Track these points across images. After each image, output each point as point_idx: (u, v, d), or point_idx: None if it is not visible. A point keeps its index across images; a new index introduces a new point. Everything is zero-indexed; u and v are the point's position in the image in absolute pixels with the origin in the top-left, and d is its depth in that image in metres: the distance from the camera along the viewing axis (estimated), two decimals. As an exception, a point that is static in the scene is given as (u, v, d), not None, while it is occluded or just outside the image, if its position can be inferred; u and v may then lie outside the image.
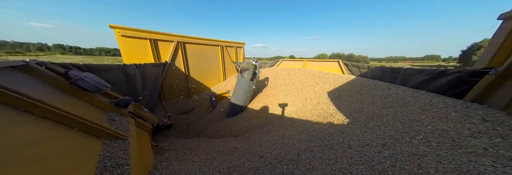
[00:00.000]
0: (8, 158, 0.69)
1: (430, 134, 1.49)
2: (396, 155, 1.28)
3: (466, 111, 1.72)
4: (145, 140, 1.75)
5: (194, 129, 3.72)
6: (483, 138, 1.31)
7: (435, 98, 2.21)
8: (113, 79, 2.26)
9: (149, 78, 3.24)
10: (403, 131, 1.62)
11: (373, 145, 1.47)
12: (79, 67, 1.89)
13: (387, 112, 2.11)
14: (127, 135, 1.34)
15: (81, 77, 1.39)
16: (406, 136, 1.54)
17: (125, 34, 3.16)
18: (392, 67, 3.38)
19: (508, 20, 2.22)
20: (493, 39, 2.39)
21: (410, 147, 1.36)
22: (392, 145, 1.41)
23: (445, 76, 2.40)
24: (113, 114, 1.58)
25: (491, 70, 1.86)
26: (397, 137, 1.54)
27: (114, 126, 1.43)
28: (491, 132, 1.35)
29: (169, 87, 4.33)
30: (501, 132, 1.32)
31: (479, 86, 1.95)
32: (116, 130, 1.29)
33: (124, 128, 1.45)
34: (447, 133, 1.45)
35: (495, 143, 1.24)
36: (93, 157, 1.02)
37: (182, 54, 4.45)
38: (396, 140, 1.49)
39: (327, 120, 2.41)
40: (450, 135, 1.42)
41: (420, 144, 1.39)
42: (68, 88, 1.35)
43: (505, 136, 1.27)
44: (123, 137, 1.29)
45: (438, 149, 1.28)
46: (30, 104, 0.90)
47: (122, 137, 1.28)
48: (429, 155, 1.24)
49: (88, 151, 1.03)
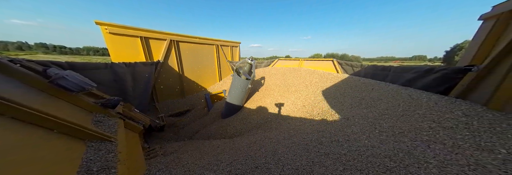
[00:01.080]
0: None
1: (388, 129, 1.69)
2: (350, 147, 1.53)
3: (450, 107, 1.80)
4: (135, 142, 1.65)
5: (188, 131, 3.61)
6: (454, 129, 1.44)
7: (421, 94, 2.32)
8: (100, 78, 2.13)
9: (140, 78, 3.10)
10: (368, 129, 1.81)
11: (339, 140, 1.68)
12: (60, 65, 1.75)
13: (361, 112, 2.29)
14: (114, 137, 1.25)
15: (62, 76, 1.28)
16: (368, 132, 1.72)
17: (113, 32, 3.00)
18: (383, 66, 3.51)
19: (488, 21, 2.36)
20: (474, 38, 2.54)
21: (365, 141, 1.60)
22: (354, 140, 1.66)
23: (432, 74, 2.51)
24: (100, 115, 1.48)
25: (473, 67, 1.97)
26: (361, 133, 1.76)
27: (100, 127, 1.34)
28: (467, 126, 1.44)
29: (162, 87, 4.18)
30: (477, 126, 1.40)
31: (463, 83, 2.06)
32: (102, 132, 1.20)
33: (112, 130, 1.36)
34: (420, 130, 1.57)
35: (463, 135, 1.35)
36: (74, 160, 0.93)
37: (175, 53, 4.31)
38: (359, 135, 1.72)
39: (319, 118, 2.54)
40: (419, 131, 1.55)
41: (377, 138, 1.60)
42: (48, 88, 1.23)
43: (477, 130, 1.35)
44: (110, 139, 1.20)
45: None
46: (1, 105, 0.81)
47: (108, 138, 1.20)
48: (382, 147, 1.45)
49: (69, 155, 0.94)
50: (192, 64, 4.87)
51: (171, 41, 4.12)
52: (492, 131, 1.33)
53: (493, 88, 1.63)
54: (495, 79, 1.65)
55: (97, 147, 1.13)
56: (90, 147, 1.09)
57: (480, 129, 1.38)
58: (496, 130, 1.32)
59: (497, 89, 1.58)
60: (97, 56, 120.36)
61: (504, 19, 2.03)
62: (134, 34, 3.36)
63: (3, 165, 0.68)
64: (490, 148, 1.17)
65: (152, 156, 1.81)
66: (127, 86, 2.60)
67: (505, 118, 1.44)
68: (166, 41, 4.01)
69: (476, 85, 1.92)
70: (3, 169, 0.68)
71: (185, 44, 4.56)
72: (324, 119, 2.50)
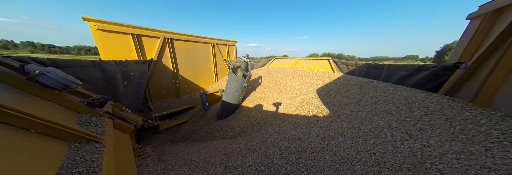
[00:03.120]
0: None
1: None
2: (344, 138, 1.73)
3: (437, 104, 1.85)
4: (125, 143, 1.58)
5: (183, 132, 3.53)
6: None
7: (409, 92, 2.37)
8: (87, 76, 2.02)
9: (132, 77, 2.98)
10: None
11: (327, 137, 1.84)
12: (41, 62, 1.64)
13: (343, 109, 2.42)
14: (101, 137, 1.18)
15: (43, 72, 1.19)
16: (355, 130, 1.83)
17: (102, 28, 2.86)
18: (377, 64, 3.57)
19: (475, 20, 2.43)
20: (462, 37, 2.61)
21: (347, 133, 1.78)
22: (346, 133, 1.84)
23: (423, 72, 2.56)
24: (86, 114, 1.40)
25: (461, 65, 2.02)
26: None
27: (86, 127, 1.26)
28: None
29: (155, 86, 4.06)
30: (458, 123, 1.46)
31: (451, 80, 2.12)
32: (86, 132, 1.13)
33: (99, 130, 1.29)
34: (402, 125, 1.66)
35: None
36: (53, 162, 0.86)
37: (170, 51, 4.19)
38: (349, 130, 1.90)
39: (311, 114, 2.64)
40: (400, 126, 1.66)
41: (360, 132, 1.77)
42: (25, 85, 1.15)
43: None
44: (96, 139, 1.13)
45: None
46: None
47: (94, 139, 1.13)
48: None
49: (47, 156, 0.87)
50: (187, 63, 4.77)
51: (165, 39, 4.00)
52: (465, 125, 1.39)
53: (479, 85, 1.67)
54: (481, 76, 1.70)
55: (82, 147, 1.07)
56: (73, 148, 1.02)
57: (453, 125, 1.45)
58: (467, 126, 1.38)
59: (483, 86, 1.62)
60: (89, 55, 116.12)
61: (489, 18, 2.09)
62: (125, 31, 3.23)
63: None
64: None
65: (143, 157, 1.74)
66: (117, 85, 2.49)
67: (487, 114, 1.48)
68: (159, 39, 3.89)
69: (464, 82, 1.97)
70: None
71: (179, 42, 4.45)
72: (315, 114, 2.56)
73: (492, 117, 1.42)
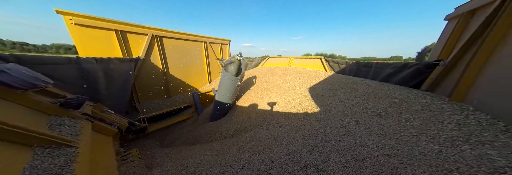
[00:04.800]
0: None
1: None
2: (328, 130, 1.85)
3: (415, 100, 1.97)
4: (106, 146, 1.45)
5: (176, 135, 3.38)
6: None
7: (392, 88, 2.52)
8: (61, 75, 1.83)
9: (116, 76, 2.78)
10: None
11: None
12: (4, 58, 1.45)
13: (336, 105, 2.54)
14: (76, 141, 1.06)
15: (2, 69, 1.04)
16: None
17: (80, 23, 2.62)
18: (365, 62, 3.75)
19: (452, 20, 2.62)
20: (441, 37, 2.81)
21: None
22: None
23: (407, 69, 2.71)
24: (58, 116, 1.25)
25: (441, 62, 2.17)
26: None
27: (58, 131, 1.13)
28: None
29: (143, 86, 3.83)
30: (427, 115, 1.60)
31: (431, 77, 2.27)
32: (57, 135, 1.00)
33: (74, 133, 1.16)
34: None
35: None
36: (12, 171, 0.75)
37: (159, 49, 3.98)
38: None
39: (302, 111, 2.70)
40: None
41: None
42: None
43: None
44: (70, 143, 1.01)
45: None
46: None
47: (68, 143, 1.01)
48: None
49: (6, 165, 0.75)
50: (179, 63, 4.56)
51: (153, 36, 3.79)
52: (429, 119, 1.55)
53: (455, 81, 1.79)
54: (457, 73, 1.82)
55: (51, 153, 0.95)
56: (40, 154, 0.90)
57: (413, 117, 1.62)
58: (430, 120, 1.52)
59: (458, 82, 1.74)
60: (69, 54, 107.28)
61: (464, 19, 2.27)
62: (108, 27, 3.00)
63: None
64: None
65: (128, 161, 1.62)
66: (98, 85, 2.30)
67: (459, 109, 1.59)
68: (147, 36, 3.68)
69: (442, 79, 2.12)
70: None
71: (169, 40, 4.24)
72: (306, 111, 2.62)
73: (463, 112, 1.52)
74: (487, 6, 1.82)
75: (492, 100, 1.43)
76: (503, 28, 1.46)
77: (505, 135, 1.16)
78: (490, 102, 1.44)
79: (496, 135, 1.18)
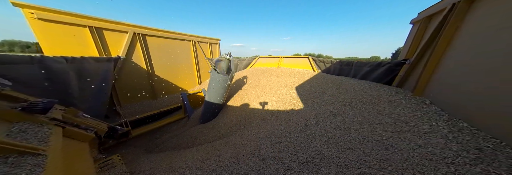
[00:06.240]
0: None
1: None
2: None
3: (384, 95, 2.20)
4: (82, 153, 1.31)
5: (164, 139, 3.19)
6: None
7: (366, 84, 2.77)
8: (23, 76, 1.60)
9: (91, 77, 2.52)
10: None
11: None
12: None
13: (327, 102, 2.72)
14: (43, 148, 0.95)
15: None
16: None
17: (45, 18, 2.31)
18: (347, 61, 4.08)
19: (416, 24, 2.99)
20: (407, 39, 3.19)
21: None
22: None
23: (381, 67, 3.01)
24: (19, 122, 1.10)
25: (407, 60, 2.46)
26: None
27: (20, 138, 0.99)
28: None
29: (125, 88, 3.55)
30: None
31: (400, 74, 2.58)
32: (17, 143, 0.88)
33: (41, 140, 1.03)
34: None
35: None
36: None
37: (142, 48, 3.73)
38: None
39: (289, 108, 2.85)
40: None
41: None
42: None
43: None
44: (34, 151, 0.90)
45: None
46: None
47: (31, 151, 0.89)
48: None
49: None
50: (165, 62, 4.32)
51: (134, 34, 3.53)
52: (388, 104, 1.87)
53: (417, 78, 2.03)
54: (418, 71, 2.08)
55: (13, 163, 0.83)
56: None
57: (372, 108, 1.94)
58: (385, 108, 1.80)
59: (419, 79, 1.97)
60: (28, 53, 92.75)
61: (424, 23, 2.61)
62: (79, 23, 2.70)
63: None
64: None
65: (108, 168, 1.49)
66: (69, 87, 2.05)
67: (415, 102, 1.81)
68: (128, 33, 3.41)
69: (408, 76, 2.41)
70: None
71: (154, 38, 3.99)
72: (293, 108, 2.76)
73: (419, 105, 1.73)
74: (440, 12, 2.08)
75: (441, 95, 1.66)
76: (450, 32, 1.69)
77: (445, 123, 1.37)
78: (439, 97, 1.67)
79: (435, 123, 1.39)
